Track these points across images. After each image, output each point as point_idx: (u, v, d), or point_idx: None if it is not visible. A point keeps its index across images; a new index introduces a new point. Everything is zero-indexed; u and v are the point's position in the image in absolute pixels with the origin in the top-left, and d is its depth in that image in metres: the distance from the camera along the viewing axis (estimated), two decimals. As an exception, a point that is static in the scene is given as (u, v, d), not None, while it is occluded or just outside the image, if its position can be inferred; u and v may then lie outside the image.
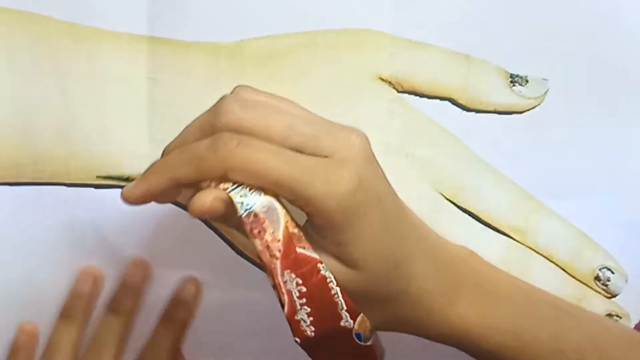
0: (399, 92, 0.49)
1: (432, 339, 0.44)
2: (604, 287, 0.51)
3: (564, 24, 0.49)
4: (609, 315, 0.51)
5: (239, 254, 0.50)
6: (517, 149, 0.50)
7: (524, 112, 0.50)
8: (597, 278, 0.51)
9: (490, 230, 0.50)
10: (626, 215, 0.51)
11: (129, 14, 0.47)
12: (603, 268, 0.51)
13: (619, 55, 0.49)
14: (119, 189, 0.47)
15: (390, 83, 0.49)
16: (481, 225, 0.50)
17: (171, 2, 0.47)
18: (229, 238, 0.49)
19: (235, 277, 0.50)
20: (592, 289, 0.51)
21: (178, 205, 0.49)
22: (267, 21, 0.48)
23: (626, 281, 0.51)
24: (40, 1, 0.46)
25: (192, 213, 0.39)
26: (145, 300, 0.49)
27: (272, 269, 0.39)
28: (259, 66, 0.48)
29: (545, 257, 0.51)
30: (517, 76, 0.49)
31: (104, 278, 0.49)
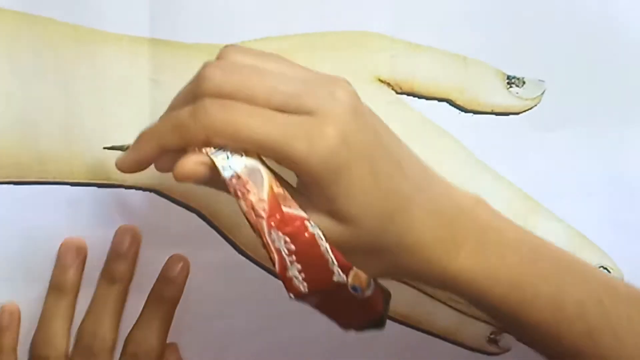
0: (397, 93, 0.49)
1: (432, 286, 0.43)
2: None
3: (561, 26, 0.49)
4: (601, 267, 0.51)
5: (239, 252, 0.50)
6: (514, 149, 0.50)
7: (521, 113, 0.50)
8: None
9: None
10: (622, 216, 0.51)
11: (130, 16, 0.47)
12: (600, 267, 0.51)
13: (615, 56, 0.49)
14: (122, 189, 0.48)
15: (389, 84, 0.49)
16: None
17: (172, 4, 0.48)
18: (230, 237, 0.50)
19: (236, 276, 0.50)
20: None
21: (178, 203, 0.49)
22: (267, 23, 0.48)
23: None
24: (42, 3, 0.47)
25: (175, 178, 0.39)
26: (144, 294, 0.49)
27: (259, 228, 0.39)
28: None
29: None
30: (514, 77, 0.50)
31: (87, 247, 0.49)
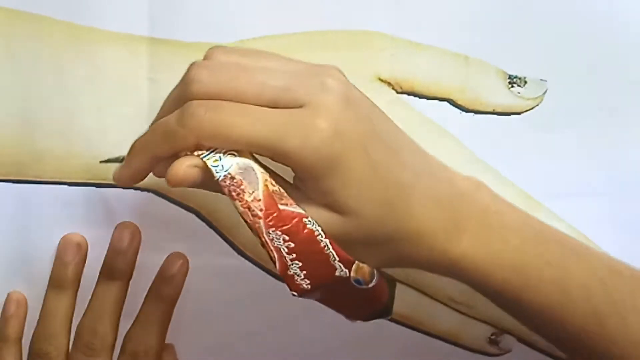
0: (398, 92, 0.49)
1: (435, 273, 0.43)
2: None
3: (562, 25, 0.49)
4: None
5: (239, 253, 0.50)
6: (515, 149, 0.50)
7: (522, 112, 0.50)
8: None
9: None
10: (623, 216, 0.51)
11: (129, 14, 0.47)
12: (601, 268, 0.51)
13: (617, 55, 0.49)
14: (120, 189, 0.48)
15: (389, 84, 0.49)
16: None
17: (171, 3, 0.47)
18: (229, 237, 0.49)
19: (234, 276, 0.50)
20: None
21: (176, 203, 0.49)
22: (267, 21, 0.48)
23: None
24: (40, 1, 0.47)
25: (169, 183, 0.38)
26: (142, 294, 0.49)
27: (256, 228, 0.38)
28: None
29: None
30: (515, 77, 0.49)
31: (87, 244, 0.48)
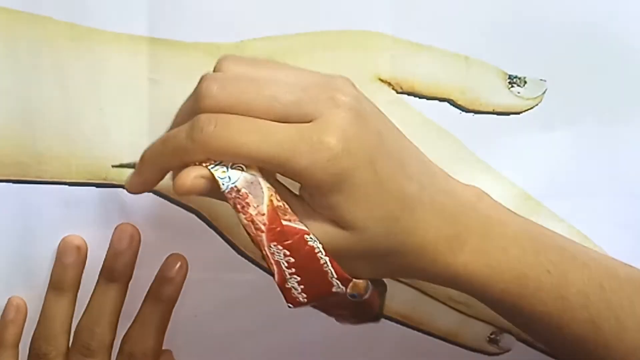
0: (398, 93, 0.49)
1: (435, 283, 0.43)
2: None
3: (562, 25, 0.49)
4: None
5: (239, 253, 0.50)
6: (515, 149, 0.50)
7: (522, 112, 0.50)
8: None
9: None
10: (624, 216, 0.51)
11: (129, 15, 0.47)
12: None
13: (617, 56, 0.49)
14: (121, 189, 0.48)
15: (389, 84, 0.49)
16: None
17: (171, 4, 0.47)
18: (229, 237, 0.49)
19: (236, 277, 0.50)
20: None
21: (177, 204, 0.49)
22: (267, 22, 0.48)
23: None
24: (41, 2, 0.46)
25: (175, 192, 0.39)
26: (142, 294, 0.49)
27: (258, 241, 0.39)
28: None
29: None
30: (515, 77, 0.49)
31: (87, 246, 0.49)
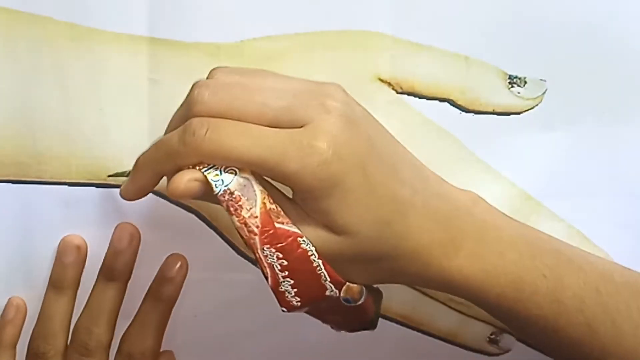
0: (398, 93, 0.49)
1: (431, 288, 0.43)
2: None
3: (562, 25, 0.49)
4: None
5: (239, 254, 0.50)
6: (515, 149, 0.50)
7: (522, 112, 0.50)
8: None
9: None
10: (623, 216, 0.51)
11: (129, 15, 0.47)
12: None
13: (617, 55, 0.49)
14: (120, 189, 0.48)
15: (389, 84, 0.49)
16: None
17: (171, 3, 0.47)
18: (229, 237, 0.49)
19: (235, 277, 0.50)
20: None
21: (176, 204, 0.49)
22: (267, 22, 0.48)
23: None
24: (40, 2, 0.47)
25: (169, 195, 0.39)
26: (141, 294, 0.49)
27: (251, 244, 0.39)
28: (259, 67, 0.48)
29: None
30: (515, 77, 0.49)
31: (87, 245, 0.49)
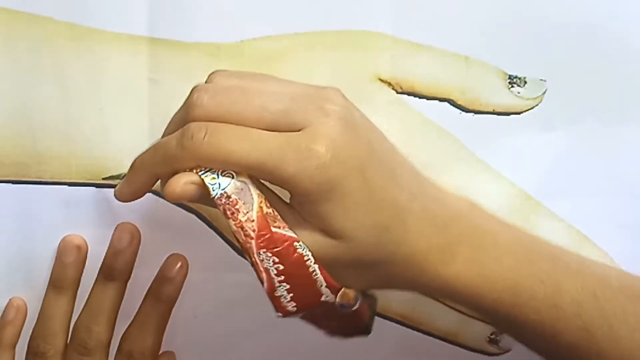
0: (398, 93, 0.49)
1: (427, 295, 0.43)
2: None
3: (562, 25, 0.49)
4: None
5: (239, 254, 0.50)
6: (515, 149, 0.50)
7: (522, 112, 0.50)
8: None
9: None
10: (623, 216, 0.51)
11: (129, 15, 0.47)
12: (600, 268, 0.51)
13: (617, 55, 0.49)
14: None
15: (389, 84, 0.49)
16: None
17: (171, 4, 0.47)
18: (229, 238, 0.49)
19: (235, 277, 0.50)
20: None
21: (178, 204, 0.49)
22: (267, 22, 0.48)
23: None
24: (41, 2, 0.47)
25: (166, 198, 0.39)
26: (141, 294, 0.49)
27: (247, 248, 0.39)
28: (259, 67, 0.48)
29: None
30: (515, 77, 0.50)
31: (87, 245, 0.49)
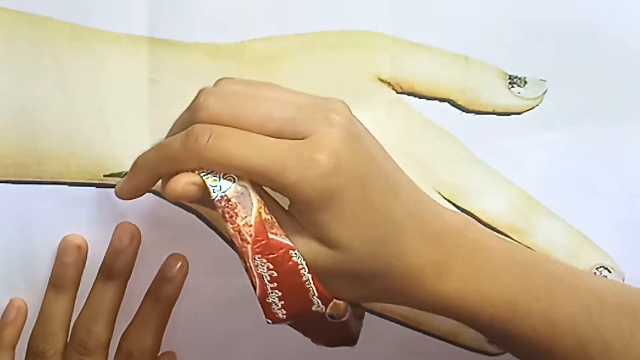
0: (398, 93, 0.49)
1: (422, 309, 0.43)
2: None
3: (562, 25, 0.49)
4: (601, 267, 0.51)
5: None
6: (515, 149, 0.50)
7: (522, 112, 0.50)
8: (594, 277, 0.51)
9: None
10: (623, 216, 0.51)
11: (129, 15, 0.47)
12: (600, 267, 0.51)
13: (617, 55, 0.49)
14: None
15: (389, 84, 0.49)
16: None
17: (171, 4, 0.47)
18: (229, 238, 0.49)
19: (235, 276, 0.50)
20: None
21: (178, 204, 0.49)
22: (267, 22, 0.48)
23: (623, 280, 0.51)
24: (40, 2, 0.47)
25: (166, 197, 0.39)
26: (141, 293, 0.49)
27: (243, 252, 0.39)
28: (259, 67, 0.48)
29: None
30: (515, 77, 0.50)
31: (87, 245, 0.49)
